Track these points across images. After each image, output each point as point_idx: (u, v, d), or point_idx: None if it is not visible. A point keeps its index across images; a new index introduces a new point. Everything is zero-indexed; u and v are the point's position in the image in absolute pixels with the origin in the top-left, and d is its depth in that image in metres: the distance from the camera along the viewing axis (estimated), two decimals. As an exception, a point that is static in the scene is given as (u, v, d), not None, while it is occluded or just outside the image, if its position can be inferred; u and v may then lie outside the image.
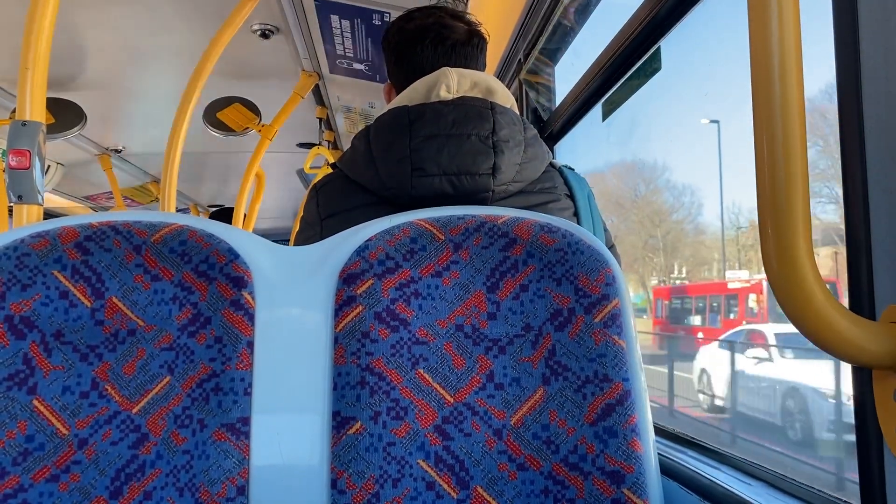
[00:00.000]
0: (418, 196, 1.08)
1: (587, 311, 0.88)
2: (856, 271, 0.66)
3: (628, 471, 0.83)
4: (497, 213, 0.94)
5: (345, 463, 0.85)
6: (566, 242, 0.90)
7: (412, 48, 1.24)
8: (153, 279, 0.90)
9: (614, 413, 0.84)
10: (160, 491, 0.84)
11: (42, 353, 0.87)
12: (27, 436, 0.85)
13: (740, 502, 0.85)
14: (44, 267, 0.89)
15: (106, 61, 2.57)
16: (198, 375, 0.88)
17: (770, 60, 0.60)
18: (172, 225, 0.92)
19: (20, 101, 1.28)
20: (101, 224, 0.91)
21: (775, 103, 0.60)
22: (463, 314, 0.90)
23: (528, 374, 0.88)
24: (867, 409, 0.64)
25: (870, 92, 0.63)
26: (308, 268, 0.94)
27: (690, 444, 1.17)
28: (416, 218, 0.94)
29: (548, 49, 2.05)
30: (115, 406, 0.87)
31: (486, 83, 1.18)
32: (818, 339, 0.60)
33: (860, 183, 0.65)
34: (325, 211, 1.16)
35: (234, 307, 0.89)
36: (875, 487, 0.64)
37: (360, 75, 2.74)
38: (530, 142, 1.14)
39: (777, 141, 0.60)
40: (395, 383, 0.88)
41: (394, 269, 0.91)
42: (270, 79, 2.80)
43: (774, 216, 0.60)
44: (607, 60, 1.51)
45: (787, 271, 0.60)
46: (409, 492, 0.85)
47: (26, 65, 1.28)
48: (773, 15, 0.59)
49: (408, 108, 1.13)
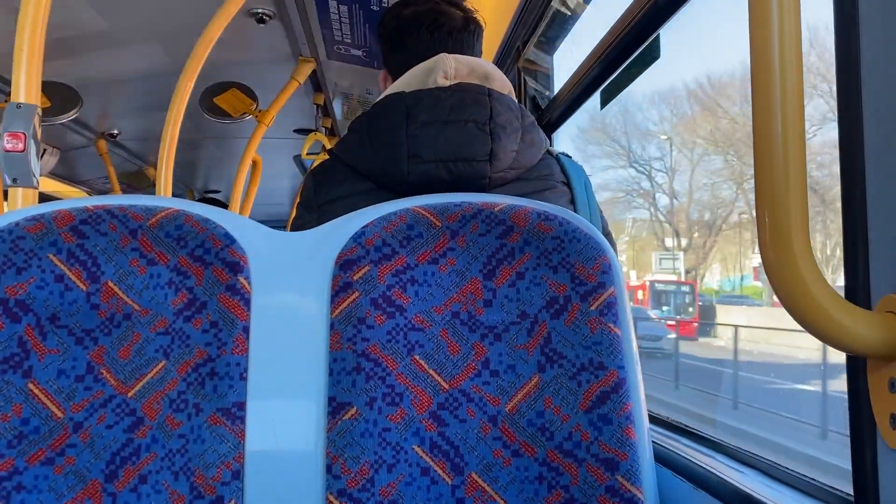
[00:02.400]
0: (415, 182, 1.08)
1: (583, 299, 0.88)
2: (852, 261, 0.66)
3: (622, 458, 0.83)
4: (494, 200, 0.94)
5: (340, 448, 0.85)
6: (563, 230, 0.90)
7: (408, 35, 1.24)
8: (149, 263, 0.90)
9: (609, 401, 0.85)
10: (155, 474, 0.84)
11: (37, 336, 0.87)
12: (22, 419, 0.85)
13: (734, 490, 0.85)
14: (39, 250, 0.88)
15: (102, 45, 2.55)
16: (193, 360, 0.88)
17: (769, 47, 0.60)
18: (168, 209, 0.92)
19: (15, 83, 1.27)
20: (96, 208, 0.91)
21: (774, 92, 0.60)
22: (459, 301, 0.90)
23: (523, 361, 0.88)
24: (861, 399, 0.64)
25: (869, 79, 0.63)
26: (304, 253, 0.94)
27: (684, 433, 1.18)
28: (413, 205, 0.94)
29: (546, 37, 2.05)
30: (111, 390, 0.87)
31: (483, 69, 1.17)
32: (814, 328, 0.60)
33: (858, 172, 0.65)
34: (322, 197, 1.16)
35: (229, 292, 0.89)
36: (868, 476, 0.64)
37: (357, 61, 2.72)
38: (528, 128, 1.14)
39: (775, 129, 0.60)
40: (390, 369, 0.88)
41: (390, 255, 0.91)
42: (267, 64, 2.78)
43: (771, 205, 0.60)
44: (606, 48, 1.50)
45: (783, 260, 0.60)
46: (403, 477, 0.85)
47: (21, 46, 1.27)
48: (773, 5, 0.59)
49: (405, 95, 1.12)
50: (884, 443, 0.62)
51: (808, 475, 0.85)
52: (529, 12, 1.99)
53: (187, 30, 2.26)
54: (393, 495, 0.84)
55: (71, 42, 2.49)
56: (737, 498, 0.84)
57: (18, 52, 1.27)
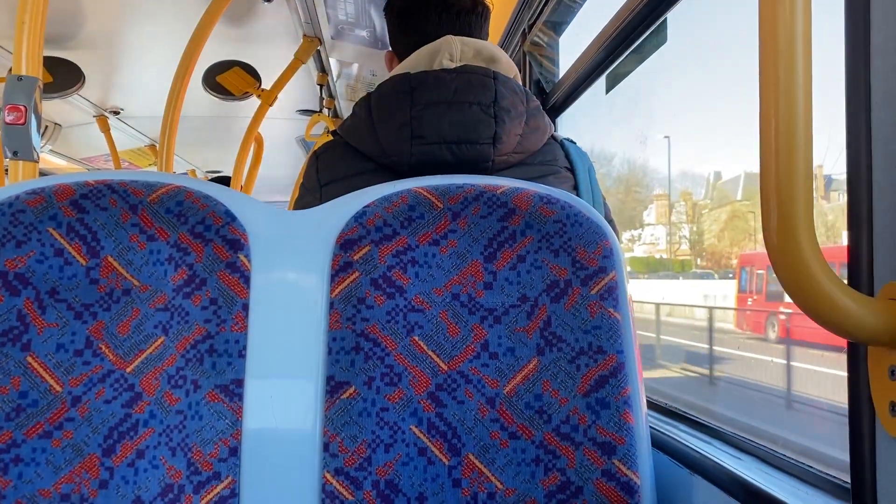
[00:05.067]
0: (418, 164, 1.07)
1: (584, 283, 0.87)
2: (856, 247, 0.65)
3: (619, 442, 0.83)
4: (496, 182, 0.94)
5: (337, 427, 0.85)
6: (565, 214, 0.89)
7: (416, 15, 1.23)
8: (149, 239, 0.90)
9: (607, 385, 0.85)
10: (153, 450, 0.85)
11: (36, 310, 0.87)
12: (20, 392, 0.85)
13: (730, 476, 0.86)
14: (39, 224, 0.88)
15: (106, 21, 2.53)
16: (192, 336, 0.88)
17: (778, 32, 0.59)
18: (169, 185, 0.91)
19: (16, 55, 1.26)
20: (97, 182, 0.90)
21: (781, 81, 0.59)
22: (459, 283, 0.90)
23: (522, 344, 0.88)
24: (861, 385, 0.64)
25: (878, 66, 0.63)
26: (305, 232, 0.93)
27: (682, 419, 1.18)
28: (414, 186, 0.93)
29: (552, 20, 2.03)
30: (109, 365, 0.87)
31: (489, 52, 1.17)
32: (816, 314, 0.60)
33: (863, 160, 0.64)
34: (325, 177, 1.15)
35: (229, 269, 0.89)
36: (866, 463, 0.64)
37: (362, 42, 2.70)
38: (532, 113, 1.13)
39: (781, 116, 0.59)
40: (389, 349, 0.88)
41: (391, 236, 0.90)
42: (271, 43, 2.76)
43: (776, 191, 0.60)
44: (612, 32, 1.49)
45: (787, 247, 0.60)
46: (400, 457, 0.85)
47: (23, 18, 1.26)
48: None
49: (410, 76, 1.11)
50: (883, 430, 0.62)
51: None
52: (536, -5, 1.97)
53: (192, 7, 2.24)
54: (390, 474, 0.84)
55: (74, 18, 2.47)
56: (733, 484, 0.85)
57: (20, 25, 1.26)
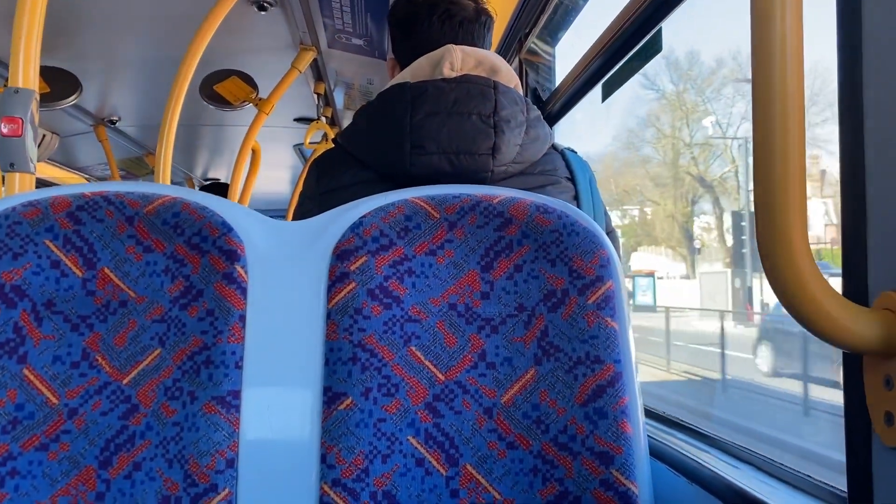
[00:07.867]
0: (416, 174, 1.07)
1: (581, 293, 0.88)
2: (850, 257, 0.66)
3: (617, 452, 0.83)
4: (493, 192, 0.94)
5: (335, 438, 0.85)
6: (561, 223, 0.89)
7: (419, 23, 1.22)
8: (145, 251, 0.90)
9: (605, 394, 0.85)
10: (149, 462, 0.84)
11: (33, 322, 0.87)
12: (17, 404, 0.85)
13: (728, 485, 0.86)
14: (35, 236, 0.88)
15: (103, 31, 2.54)
16: (189, 348, 0.87)
17: (770, 41, 0.59)
18: (165, 197, 0.91)
19: (13, 68, 1.26)
20: (93, 194, 0.91)
21: (774, 89, 0.60)
22: (456, 293, 0.90)
23: (520, 353, 0.88)
24: (856, 395, 0.64)
25: (870, 74, 0.63)
26: (302, 243, 0.93)
27: (680, 427, 1.18)
28: (411, 196, 0.93)
29: (549, 28, 2.04)
30: (106, 377, 0.87)
31: (490, 62, 1.16)
32: (811, 324, 0.60)
33: (858, 169, 0.64)
34: (323, 186, 1.16)
35: (226, 280, 0.89)
36: (862, 473, 0.64)
37: (359, 51, 2.71)
38: (532, 123, 1.13)
39: (775, 127, 0.59)
40: (386, 360, 0.88)
41: (388, 246, 0.90)
42: (268, 52, 2.77)
43: (770, 201, 0.60)
44: (608, 41, 1.50)
45: (782, 257, 0.60)
46: (398, 468, 0.85)
47: (19, 31, 1.26)
48: (775, 4, 0.59)
49: (409, 85, 1.11)
50: (878, 440, 0.62)
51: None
52: (532, 3, 1.98)
53: (188, 17, 2.24)
54: (387, 486, 0.84)
55: (71, 28, 2.48)
56: (731, 493, 0.85)
57: (17, 38, 1.26)
